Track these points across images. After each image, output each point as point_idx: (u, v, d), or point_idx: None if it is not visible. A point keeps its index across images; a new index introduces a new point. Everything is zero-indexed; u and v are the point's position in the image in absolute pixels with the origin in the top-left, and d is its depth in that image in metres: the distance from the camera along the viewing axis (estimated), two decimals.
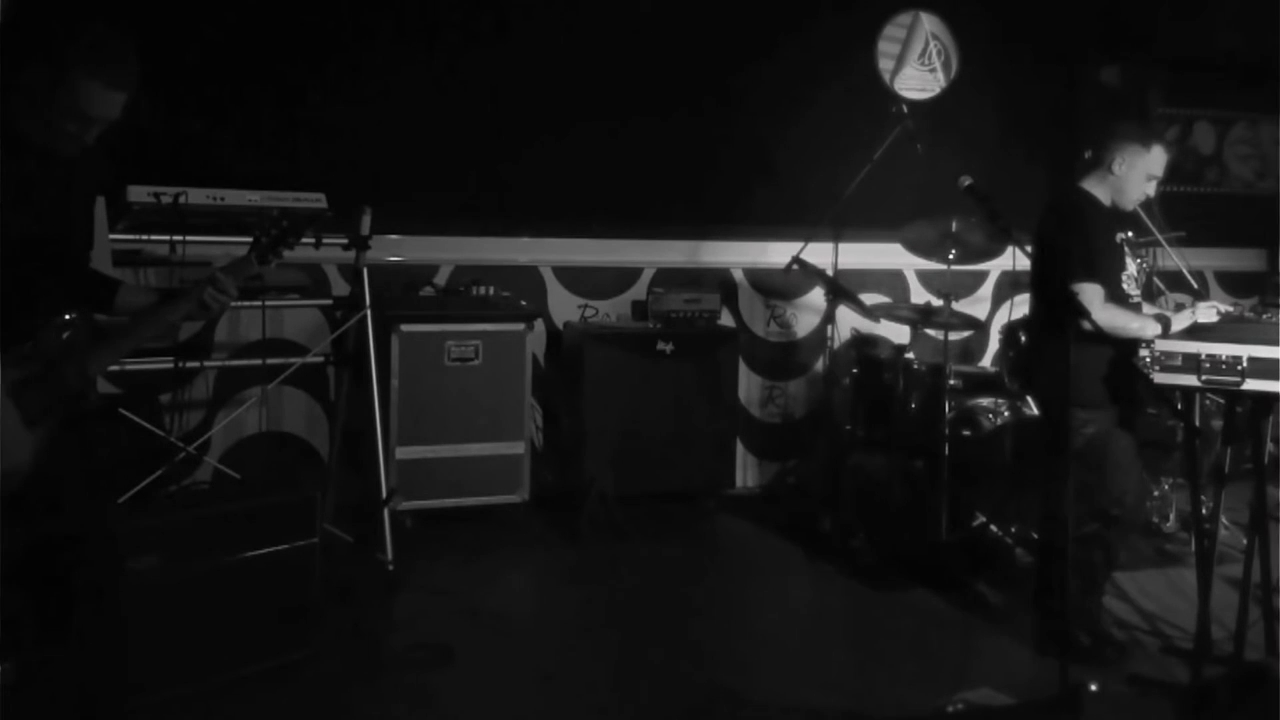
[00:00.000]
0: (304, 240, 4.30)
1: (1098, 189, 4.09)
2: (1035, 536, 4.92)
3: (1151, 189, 4.12)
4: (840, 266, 5.34)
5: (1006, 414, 5.18)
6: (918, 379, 5.32)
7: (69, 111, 2.58)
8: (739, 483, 6.10)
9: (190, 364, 4.70)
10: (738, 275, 6.24)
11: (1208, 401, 5.12)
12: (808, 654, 4.14)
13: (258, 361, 4.80)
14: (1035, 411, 5.13)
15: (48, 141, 2.65)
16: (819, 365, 6.27)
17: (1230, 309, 4.13)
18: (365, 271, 4.78)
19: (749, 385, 6.24)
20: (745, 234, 6.14)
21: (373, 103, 5.40)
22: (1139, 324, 3.90)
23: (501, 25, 5.60)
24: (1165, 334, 3.83)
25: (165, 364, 4.51)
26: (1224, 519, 4.88)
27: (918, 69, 6.44)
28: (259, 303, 4.71)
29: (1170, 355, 3.60)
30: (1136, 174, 4.03)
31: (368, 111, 5.39)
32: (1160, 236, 5.07)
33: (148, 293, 3.07)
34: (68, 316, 2.75)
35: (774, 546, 5.31)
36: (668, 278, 6.05)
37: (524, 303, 5.54)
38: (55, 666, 2.79)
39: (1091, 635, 4.02)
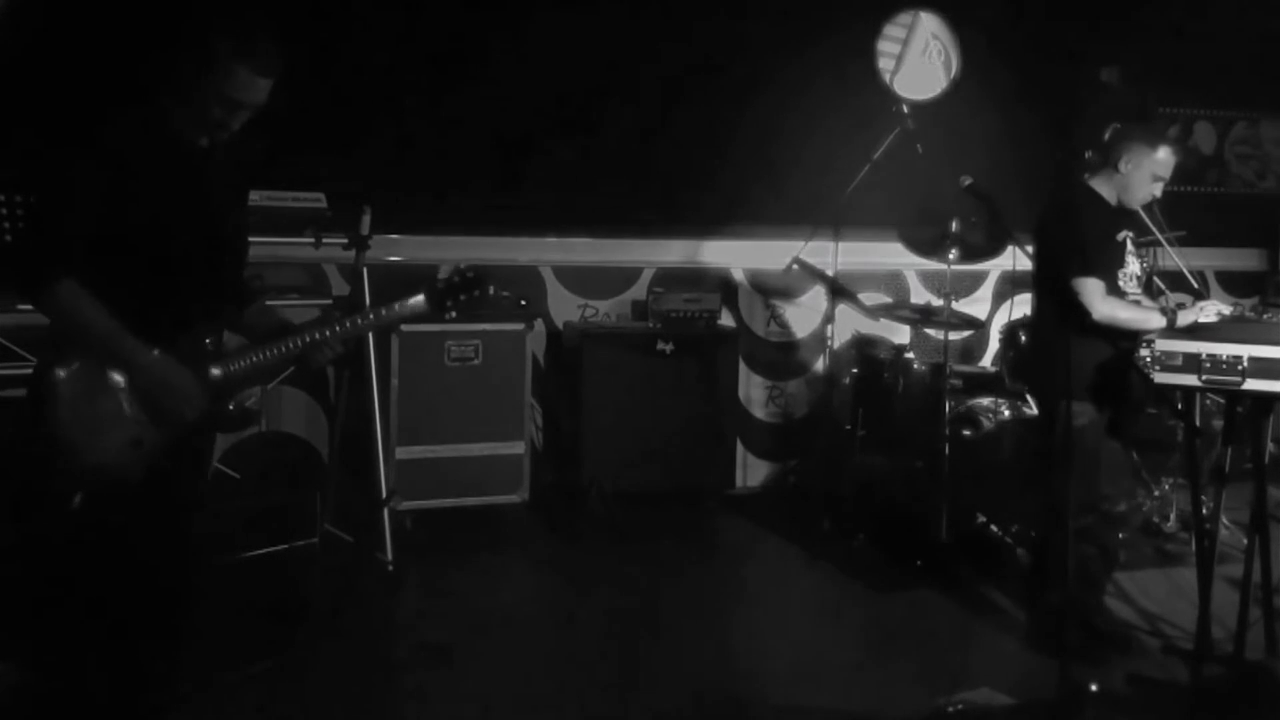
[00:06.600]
0: (303, 240, 4.34)
1: (1104, 187, 4.09)
2: (1033, 534, 4.93)
3: (1158, 190, 4.12)
4: (840, 266, 5.34)
5: (1006, 414, 5.18)
6: (918, 379, 5.32)
7: (216, 97, 2.68)
8: (739, 483, 6.10)
9: None
10: (738, 275, 6.24)
11: (1208, 401, 5.12)
12: (808, 654, 4.13)
13: None
14: (1035, 411, 5.15)
15: (194, 131, 2.72)
16: (819, 365, 6.27)
17: (1231, 309, 4.13)
18: (365, 271, 4.77)
19: (749, 385, 6.24)
20: (745, 234, 6.13)
21: (373, 102, 5.40)
22: (1140, 316, 3.90)
23: (501, 25, 5.60)
24: (1171, 327, 3.83)
25: None
26: (1224, 519, 4.88)
27: (918, 69, 6.43)
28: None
29: (1171, 355, 3.61)
30: (1142, 174, 4.03)
31: (368, 111, 5.39)
32: (1161, 236, 5.07)
33: (271, 312, 3.06)
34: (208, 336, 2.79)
35: (774, 546, 5.31)
36: (668, 278, 6.05)
37: (524, 302, 5.54)
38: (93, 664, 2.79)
39: (1087, 632, 3.99)
